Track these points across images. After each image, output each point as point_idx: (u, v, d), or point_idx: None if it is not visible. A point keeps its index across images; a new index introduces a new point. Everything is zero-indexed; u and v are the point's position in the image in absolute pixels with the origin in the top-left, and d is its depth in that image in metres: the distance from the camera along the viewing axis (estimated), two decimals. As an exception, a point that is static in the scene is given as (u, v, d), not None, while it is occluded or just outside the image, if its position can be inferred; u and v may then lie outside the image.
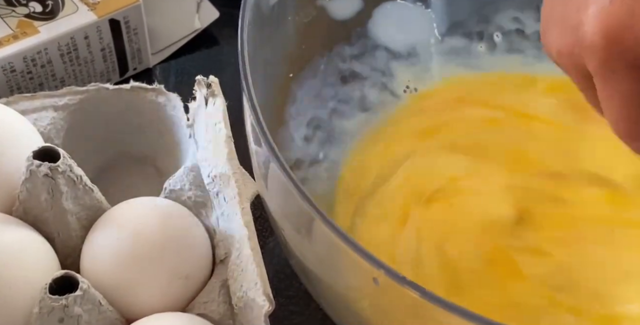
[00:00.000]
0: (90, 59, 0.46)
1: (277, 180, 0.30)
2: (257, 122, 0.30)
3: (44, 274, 0.33)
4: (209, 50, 0.52)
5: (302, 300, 0.41)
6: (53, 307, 0.31)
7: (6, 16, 0.45)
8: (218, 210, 0.37)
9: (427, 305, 0.26)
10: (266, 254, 0.36)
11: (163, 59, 0.50)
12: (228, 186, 0.36)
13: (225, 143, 0.36)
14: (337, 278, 0.32)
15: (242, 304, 0.33)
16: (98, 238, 0.35)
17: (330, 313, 0.35)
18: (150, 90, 0.41)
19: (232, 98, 0.39)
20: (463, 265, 0.38)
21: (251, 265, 0.33)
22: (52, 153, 0.35)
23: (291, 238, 0.33)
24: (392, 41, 0.45)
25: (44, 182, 0.34)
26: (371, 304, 0.32)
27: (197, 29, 0.51)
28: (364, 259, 0.27)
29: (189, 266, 0.35)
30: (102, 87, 0.41)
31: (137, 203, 0.36)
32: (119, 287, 0.34)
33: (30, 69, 0.44)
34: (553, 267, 0.38)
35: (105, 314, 0.33)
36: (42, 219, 0.36)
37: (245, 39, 0.33)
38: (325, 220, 0.28)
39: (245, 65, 0.32)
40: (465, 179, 0.41)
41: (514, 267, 0.38)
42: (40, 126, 0.40)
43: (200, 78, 0.39)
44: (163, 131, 0.42)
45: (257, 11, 0.35)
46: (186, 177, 0.38)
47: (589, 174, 0.41)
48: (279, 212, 0.34)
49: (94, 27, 0.45)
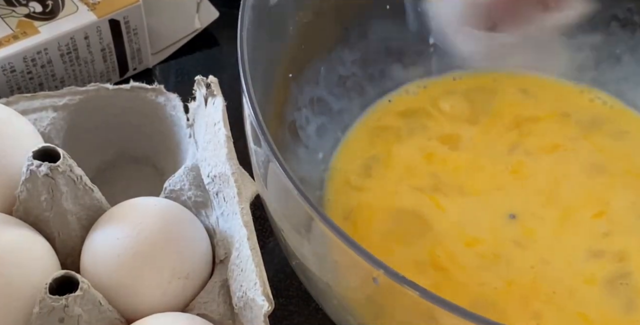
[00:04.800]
0: (90, 59, 0.46)
1: (277, 180, 0.30)
2: (257, 122, 0.30)
3: (44, 274, 0.33)
4: (209, 50, 0.52)
5: (302, 300, 0.41)
6: (53, 307, 0.31)
7: (6, 16, 0.45)
8: (218, 210, 0.37)
9: (427, 305, 0.26)
10: (266, 254, 0.36)
11: (163, 59, 0.50)
12: (228, 186, 0.36)
13: (224, 143, 0.36)
14: (337, 278, 0.32)
15: (241, 304, 0.33)
16: (98, 238, 0.35)
17: (330, 313, 0.35)
18: (150, 90, 0.41)
19: (232, 98, 0.39)
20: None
21: (251, 265, 0.33)
22: (52, 153, 0.35)
23: (291, 238, 0.33)
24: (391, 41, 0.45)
25: (44, 182, 0.34)
26: (371, 304, 0.32)
27: (197, 29, 0.51)
28: (364, 258, 0.27)
29: (189, 266, 0.35)
30: (102, 87, 0.41)
31: (137, 203, 0.36)
32: (119, 287, 0.34)
33: (30, 69, 0.44)
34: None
35: (105, 314, 0.33)
36: (42, 219, 0.36)
37: (245, 38, 0.33)
38: (325, 220, 0.28)
39: (245, 65, 0.32)
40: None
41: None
42: (40, 126, 0.40)
43: (200, 78, 0.39)
44: (163, 131, 0.42)
45: (257, 11, 0.35)
46: (186, 177, 0.38)
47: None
48: (278, 212, 0.34)
49: (94, 27, 0.45)
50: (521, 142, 0.43)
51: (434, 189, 0.41)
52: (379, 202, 0.41)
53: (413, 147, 0.43)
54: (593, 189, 0.41)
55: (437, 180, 0.41)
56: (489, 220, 0.40)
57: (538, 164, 0.42)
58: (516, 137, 0.43)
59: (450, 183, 0.41)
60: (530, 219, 0.40)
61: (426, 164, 0.42)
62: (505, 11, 0.45)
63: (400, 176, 0.42)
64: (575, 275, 0.38)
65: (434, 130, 0.44)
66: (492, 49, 0.46)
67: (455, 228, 0.39)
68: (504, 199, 0.41)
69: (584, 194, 0.41)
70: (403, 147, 0.43)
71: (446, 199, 0.41)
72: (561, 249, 0.39)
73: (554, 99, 0.45)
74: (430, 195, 0.41)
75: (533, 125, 0.44)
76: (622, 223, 0.40)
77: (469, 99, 0.45)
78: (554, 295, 0.37)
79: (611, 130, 0.44)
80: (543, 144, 0.43)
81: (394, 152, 0.43)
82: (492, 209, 0.40)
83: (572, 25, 0.45)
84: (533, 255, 0.39)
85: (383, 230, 0.40)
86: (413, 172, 0.42)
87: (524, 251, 0.39)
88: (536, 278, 0.38)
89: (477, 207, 0.40)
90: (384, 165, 0.42)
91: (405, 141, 0.43)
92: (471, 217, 0.40)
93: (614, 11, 0.45)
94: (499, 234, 0.39)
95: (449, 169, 0.42)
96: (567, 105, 0.45)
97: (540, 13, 0.45)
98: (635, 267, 0.38)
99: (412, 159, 0.42)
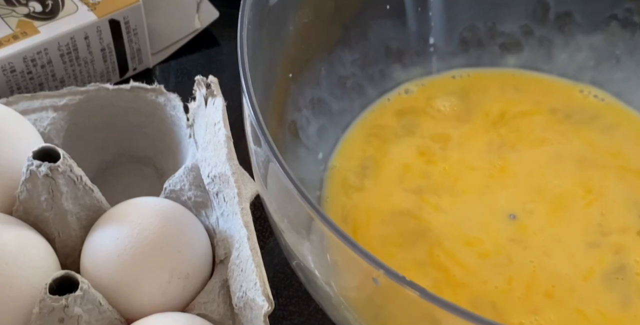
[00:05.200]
0: (90, 59, 0.46)
1: (277, 180, 0.30)
2: (257, 122, 0.30)
3: (44, 274, 0.33)
4: (209, 50, 0.52)
5: (302, 300, 0.41)
6: (53, 307, 0.31)
7: (6, 16, 0.45)
8: (218, 210, 0.37)
9: (427, 305, 0.26)
10: (266, 254, 0.36)
11: (163, 59, 0.51)
12: (227, 186, 0.36)
13: (224, 143, 0.36)
14: (337, 278, 0.32)
15: (241, 304, 0.33)
16: (98, 238, 0.35)
17: (330, 313, 0.35)
18: (150, 90, 0.41)
19: (232, 98, 0.39)
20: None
21: (251, 265, 0.33)
22: (52, 153, 0.35)
23: (291, 238, 0.33)
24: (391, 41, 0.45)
25: (44, 182, 0.34)
26: (371, 304, 0.32)
27: (197, 29, 0.51)
28: (364, 258, 0.27)
29: (189, 266, 0.35)
30: (102, 87, 0.41)
31: (137, 203, 0.36)
32: (119, 287, 0.34)
33: (30, 69, 0.44)
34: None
35: (105, 314, 0.33)
36: (42, 219, 0.36)
37: (245, 39, 0.33)
38: (325, 220, 0.28)
39: (245, 65, 0.32)
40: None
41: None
42: (40, 126, 0.40)
43: (200, 78, 0.39)
44: (163, 131, 0.42)
45: (257, 11, 0.35)
46: (186, 177, 0.38)
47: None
48: (278, 212, 0.34)
49: (94, 27, 0.45)
50: (514, 140, 0.43)
51: (427, 189, 0.41)
52: (375, 203, 0.41)
53: (407, 147, 0.43)
54: (584, 182, 0.41)
55: (430, 181, 0.41)
56: (485, 218, 0.40)
57: (533, 160, 0.42)
58: (511, 135, 0.43)
59: (443, 183, 0.41)
60: (527, 215, 0.40)
61: (419, 164, 0.42)
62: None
63: (395, 177, 0.42)
64: (574, 269, 0.38)
65: (428, 130, 0.44)
66: (493, 48, 0.47)
67: (453, 227, 0.39)
68: (499, 197, 0.41)
69: (575, 187, 0.41)
70: (398, 146, 0.43)
71: (440, 199, 0.41)
72: (559, 242, 0.39)
73: (551, 98, 0.45)
74: (425, 196, 0.41)
75: (526, 123, 0.44)
76: (615, 215, 0.40)
77: (464, 98, 0.45)
78: (553, 290, 0.37)
79: (603, 125, 0.44)
80: (539, 140, 0.43)
81: (389, 152, 0.43)
82: (488, 206, 0.40)
83: (572, 25, 0.45)
84: (530, 250, 0.39)
85: (381, 231, 0.40)
86: (407, 172, 0.42)
87: (521, 247, 0.39)
88: (535, 273, 0.38)
89: (472, 205, 0.41)
90: (379, 165, 0.42)
91: (400, 141, 0.43)
92: (468, 216, 0.40)
93: (614, 11, 0.45)
94: (496, 231, 0.39)
95: (442, 169, 0.42)
96: (564, 104, 0.45)
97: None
98: (632, 259, 0.38)
99: (406, 158, 0.42)
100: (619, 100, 0.45)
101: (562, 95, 0.45)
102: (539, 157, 0.42)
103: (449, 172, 0.42)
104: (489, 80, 0.46)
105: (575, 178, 0.41)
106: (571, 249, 0.39)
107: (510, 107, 0.45)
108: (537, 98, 0.45)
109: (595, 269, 0.38)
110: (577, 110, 0.44)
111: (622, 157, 0.42)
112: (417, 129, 0.44)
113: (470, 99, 0.45)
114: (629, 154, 0.43)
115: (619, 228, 0.39)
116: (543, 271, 0.38)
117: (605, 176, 0.41)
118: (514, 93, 0.45)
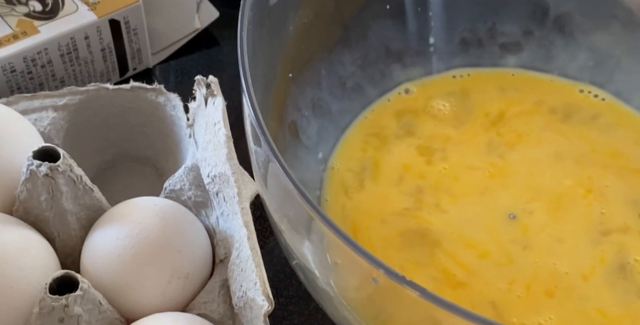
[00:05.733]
0: (90, 59, 0.46)
1: (277, 180, 0.30)
2: (257, 122, 0.30)
3: (44, 274, 0.33)
4: (209, 50, 0.52)
5: (302, 300, 0.41)
6: (53, 307, 0.31)
7: (6, 15, 0.45)
8: (218, 210, 0.37)
9: (427, 305, 0.26)
10: (266, 254, 0.36)
11: (163, 59, 0.51)
12: (228, 186, 0.36)
13: (224, 143, 0.36)
14: (337, 278, 0.32)
15: (241, 303, 0.33)
16: (98, 238, 0.35)
17: (330, 313, 0.35)
18: (150, 90, 0.41)
19: (232, 98, 0.39)
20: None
21: (251, 265, 0.33)
22: (52, 153, 0.35)
23: (291, 238, 0.33)
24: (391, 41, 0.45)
25: (44, 182, 0.34)
26: (371, 304, 0.32)
27: (197, 29, 0.51)
28: (364, 258, 0.27)
29: (189, 266, 0.35)
30: (102, 87, 0.41)
31: (137, 203, 0.36)
32: (119, 287, 0.34)
33: (30, 69, 0.44)
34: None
35: (105, 314, 0.33)
36: (42, 219, 0.36)
37: (245, 39, 0.33)
38: (325, 220, 0.28)
39: (245, 65, 0.32)
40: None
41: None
42: (40, 126, 0.40)
43: (200, 78, 0.39)
44: (163, 131, 0.42)
45: (257, 11, 0.35)
46: (186, 177, 0.38)
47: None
48: (278, 212, 0.34)
49: (94, 27, 0.45)
50: (514, 140, 0.43)
51: (427, 189, 0.41)
52: (375, 203, 0.41)
53: (407, 147, 0.43)
54: (584, 182, 0.41)
55: (430, 181, 0.41)
56: (485, 218, 0.40)
57: (533, 159, 0.42)
58: (511, 135, 0.43)
59: (443, 183, 0.41)
60: (527, 215, 0.40)
61: (419, 164, 0.42)
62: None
63: (394, 177, 0.42)
64: (575, 268, 0.38)
65: (427, 130, 0.44)
66: (493, 48, 0.47)
67: (453, 227, 0.39)
68: (499, 197, 0.41)
69: (575, 186, 0.41)
70: (398, 146, 0.43)
71: (440, 199, 0.41)
72: (559, 241, 0.39)
73: (550, 98, 0.45)
74: (425, 196, 0.41)
75: (526, 123, 0.44)
76: (615, 214, 0.40)
77: (464, 98, 0.45)
78: (553, 290, 0.37)
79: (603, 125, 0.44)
80: (539, 140, 0.43)
81: (389, 152, 0.43)
82: (488, 206, 0.40)
83: (572, 26, 0.45)
84: (531, 250, 0.39)
85: (381, 231, 0.40)
86: (407, 172, 0.42)
87: (521, 247, 0.39)
88: (535, 273, 0.38)
89: (472, 205, 0.41)
90: (379, 165, 0.42)
91: (400, 141, 0.43)
92: (468, 216, 0.40)
93: (614, 11, 0.45)
94: (496, 231, 0.39)
95: (442, 169, 0.42)
96: (563, 104, 0.45)
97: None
98: (633, 259, 0.38)
99: (406, 158, 0.42)
100: (619, 100, 0.45)
101: (562, 95, 0.45)
102: (539, 157, 0.42)
103: (448, 172, 0.42)
104: (488, 80, 0.46)
105: (575, 178, 0.41)
106: (571, 248, 0.39)
107: (510, 107, 0.45)
108: (536, 98, 0.45)
109: (596, 268, 0.38)
110: (576, 110, 0.44)
111: (622, 156, 0.42)
112: (417, 129, 0.44)
113: (470, 99, 0.45)
114: (628, 153, 0.43)
115: (619, 227, 0.40)
116: (543, 271, 0.38)
117: (605, 176, 0.41)
118: (514, 93, 0.45)
